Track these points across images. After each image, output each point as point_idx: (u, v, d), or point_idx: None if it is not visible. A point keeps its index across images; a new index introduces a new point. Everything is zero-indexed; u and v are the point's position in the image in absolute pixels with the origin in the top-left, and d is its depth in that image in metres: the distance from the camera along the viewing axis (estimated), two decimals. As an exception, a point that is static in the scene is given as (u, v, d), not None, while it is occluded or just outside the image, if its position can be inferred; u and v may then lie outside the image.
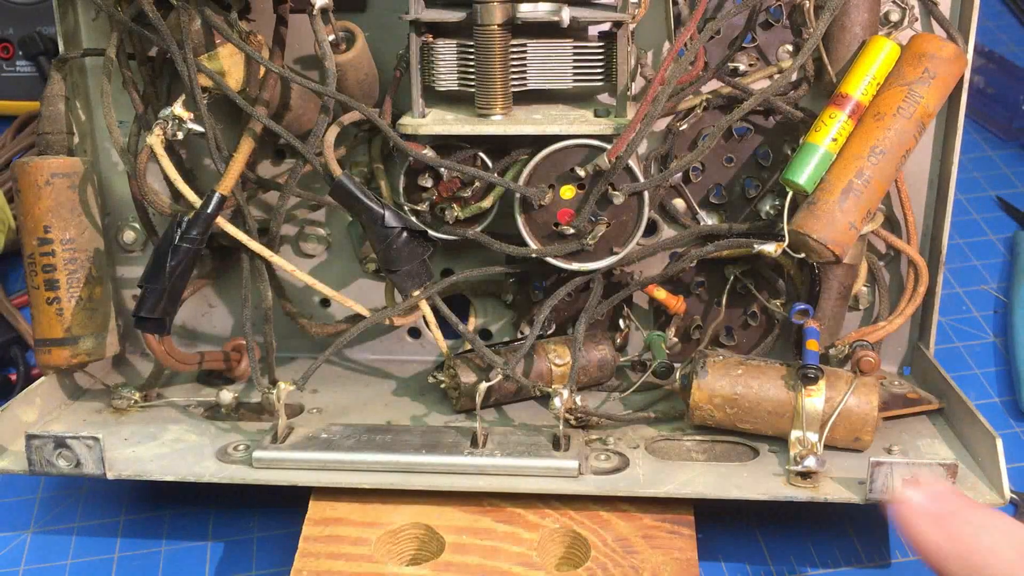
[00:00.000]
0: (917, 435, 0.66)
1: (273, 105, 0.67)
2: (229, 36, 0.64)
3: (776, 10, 0.67)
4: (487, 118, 0.64)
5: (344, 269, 0.75)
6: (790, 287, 0.71)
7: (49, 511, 0.70)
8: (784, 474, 0.62)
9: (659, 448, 0.66)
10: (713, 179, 0.70)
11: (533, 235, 0.67)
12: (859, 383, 0.63)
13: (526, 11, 0.63)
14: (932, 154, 0.69)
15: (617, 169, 0.64)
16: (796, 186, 0.63)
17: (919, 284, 0.69)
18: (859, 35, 0.65)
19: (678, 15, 0.66)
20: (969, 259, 0.87)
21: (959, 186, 0.69)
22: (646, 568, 0.59)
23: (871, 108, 0.63)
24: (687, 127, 0.68)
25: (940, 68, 0.62)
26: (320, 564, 0.59)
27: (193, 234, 0.63)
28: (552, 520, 0.62)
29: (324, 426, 0.66)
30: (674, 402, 0.69)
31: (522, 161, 0.66)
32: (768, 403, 0.63)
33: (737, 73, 0.67)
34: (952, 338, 0.80)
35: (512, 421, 0.68)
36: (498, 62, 0.63)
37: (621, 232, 0.67)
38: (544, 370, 0.68)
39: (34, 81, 0.96)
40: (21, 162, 0.68)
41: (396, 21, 0.65)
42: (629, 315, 0.73)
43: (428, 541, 0.62)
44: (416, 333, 0.77)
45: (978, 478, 0.61)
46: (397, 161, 0.70)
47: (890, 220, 0.70)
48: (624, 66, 0.64)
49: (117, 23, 0.66)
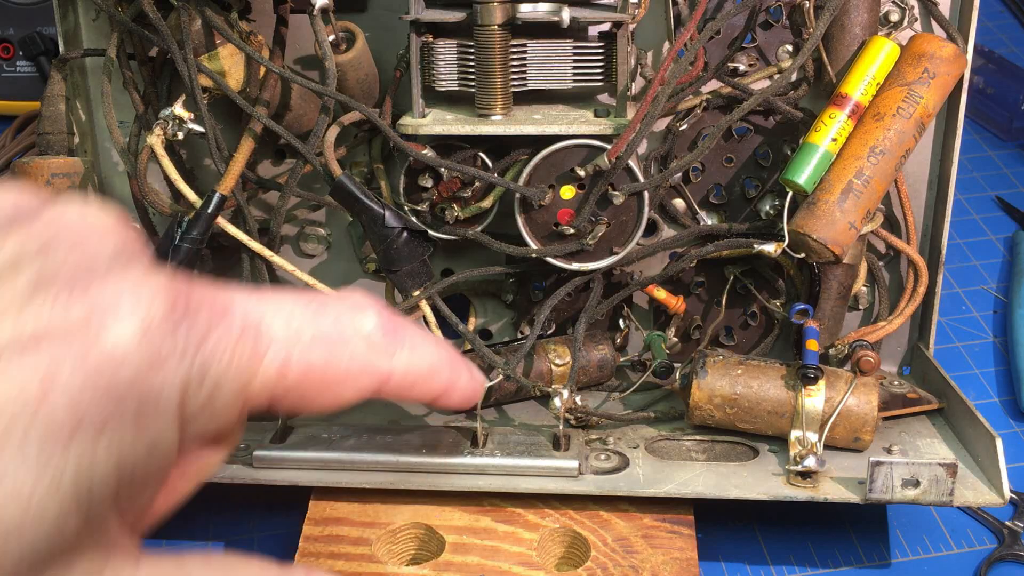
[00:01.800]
0: (917, 435, 0.66)
1: (273, 105, 0.67)
2: (229, 36, 0.64)
3: (776, 10, 0.67)
4: (487, 118, 0.64)
5: (344, 269, 0.75)
6: (790, 287, 0.71)
7: (49, 511, 0.69)
8: (784, 474, 0.62)
9: (659, 448, 0.66)
10: (713, 179, 0.70)
11: (533, 235, 0.67)
12: (859, 383, 0.63)
13: (526, 11, 0.63)
14: (932, 154, 0.69)
15: (617, 169, 0.64)
16: (796, 186, 0.63)
17: (919, 284, 0.69)
18: (859, 35, 0.65)
19: (678, 15, 0.66)
20: (969, 259, 0.87)
21: (959, 186, 0.69)
22: (646, 568, 0.59)
23: (871, 108, 0.63)
24: (687, 127, 0.68)
25: (940, 68, 0.62)
26: (320, 564, 0.59)
27: (193, 234, 0.63)
28: (552, 520, 0.62)
29: (324, 426, 0.66)
30: (674, 402, 0.69)
31: (522, 161, 0.66)
32: (768, 403, 0.64)
33: (737, 73, 0.67)
34: (952, 338, 0.81)
35: (512, 421, 0.68)
36: (498, 62, 0.63)
37: (621, 232, 0.67)
38: (544, 370, 0.69)
39: (34, 81, 0.96)
40: (21, 162, 0.68)
41: (396, 21, 0.65)
42: (629, 315, 0.73)
43: (428, 541, 0.62)
44: (416, 333, 0.77)
45: (978, 478, 0.61)
46: (397, 161, 0.70)
47: (890, 220, 0.70)
48: (624, 66, 0.64)
49: (117, 23, 0.66)
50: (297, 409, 0.44)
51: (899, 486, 0.58)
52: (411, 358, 0.49)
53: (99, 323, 0.36)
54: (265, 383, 0.41)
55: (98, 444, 0.36)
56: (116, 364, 0.36)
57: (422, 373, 0.51)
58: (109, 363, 0.36)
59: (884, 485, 0.58)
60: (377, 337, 0.47)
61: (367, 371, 0.47)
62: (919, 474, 0.58)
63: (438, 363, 0.53)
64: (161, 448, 0.38)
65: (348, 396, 0.45)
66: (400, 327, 0.49)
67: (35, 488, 0.34)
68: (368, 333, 0.46)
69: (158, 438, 0.37)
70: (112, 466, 0.36)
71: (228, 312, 0.40)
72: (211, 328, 0.39)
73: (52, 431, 0.35)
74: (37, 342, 0.35)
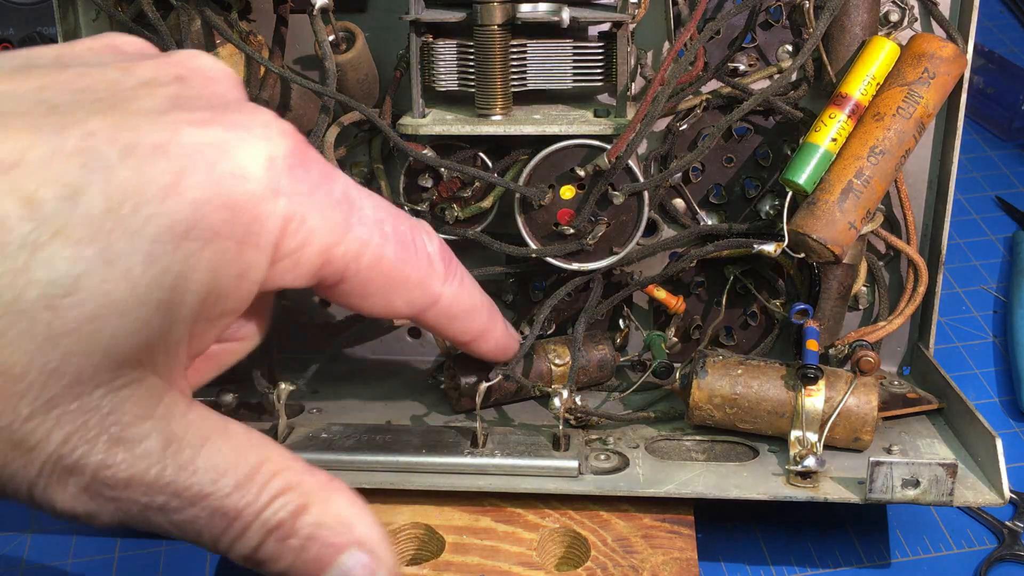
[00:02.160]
0: (917, 435, 0.66)
1: (273, 105, 0.67)
2: (229, 36, 0.64)
3: (776, 10, 0.67)
4: (487, 118, 0.64)
5: (344, 269, 0.75)
6: (790, 287, 0.71)
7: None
8: (784, 474, 0.62)
9: (659, 448, 0.66)
10: (713, 179, 0.70)
11: (533, 235, 0.67)
12: (859, 383, 0.63)
13: (526, 11, 0.63)
14: (932, 154, 0.69)
15: (617, 169, 0.64)
16: (795, 186, 0.63)
17: (919, 284, 0.69)
18: (859, 35, 0.65)
19: (678, 15, 0.66)
20: (969, 259, 0.87)
21: (959, 186, 0.69)
22: (646, 568, 0.59)
23: (871, 108, 0.63)
24: (687, 127, 0.68)
25: (940, 68, 0.63)
26: (320, 564, 0.59)
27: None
28: (552, 520, 0.62)
29: (324, 426, 0.66)
30: (674, 402, 0.69)
31: (522, 161, 0.66)
32: (768, 403, 0.64)
33: (737, 73, 0.67)
34: (952, 338, 0.81)
35: (512, 421, 0.68)
36: (498, 62, 0.63)
37: (621, 232, 0.67)
38: (544, 370, 0.69)
39: (34, 81, 0.96)
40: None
41: (396, 21, 0.65)
42: (629, 315, 0.73)
43: (428, 541, 0.62)
44: (416, 333, 0.77)
45: (978, 478, 0.61)
46: (397, 161, 0.70)
47: (890, 220, 0.70)
48: (624, 66, 0.64)
49: (117, 23, 0.66)
50: (350, 300, 0.47)
51: (899, 486, 0.58)
52: (459, 291, 0.53)
53: (231, 144, 0.39)
54: (344, 256, 0.44)
55: (204, 252, 0.38)
56: (239, 183, 0.39)
57: (464, 308, 0.55)
58: (234, 180, 0.39)
59: (884, 485, 0.58)
60: (436, 259, 0.50)
61: (422, 286, 0.51)
62: (919, 474, 0.58)
63: (480, 305, 0.57)
64: (250, 278, 0.40)
65: (397, 306, 0.50)
66: (455, 260, 0.53)
67: (142, 276, 0.37)
68: (431, 252, 0.49)
69: (251, 267, 0.40)
70: (208, 278, 0.39)
71: (333, 179, 0.43)
72: (318, 184, 0.42)
73: (169, 228, 0.37)
74: (169, 149, 0.37)
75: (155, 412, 0.38)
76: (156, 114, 0.38)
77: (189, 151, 0.38)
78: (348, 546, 0.41)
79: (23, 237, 0.35)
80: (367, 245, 0.45)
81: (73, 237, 0.35)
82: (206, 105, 0.40)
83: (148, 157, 0.37)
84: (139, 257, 0.37)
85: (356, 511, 0.42)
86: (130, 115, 0.38)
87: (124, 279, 0.36)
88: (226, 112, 0.40)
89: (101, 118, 0.37)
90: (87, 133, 0.36)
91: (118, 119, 0.37)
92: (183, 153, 0.38)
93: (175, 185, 0.37)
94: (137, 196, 0.36)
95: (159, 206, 0.37)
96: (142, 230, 0.36)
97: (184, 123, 0.38)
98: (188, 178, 0.37)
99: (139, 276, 0.37)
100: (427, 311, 0.52)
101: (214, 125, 0.39)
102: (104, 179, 0.36)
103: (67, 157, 0.36)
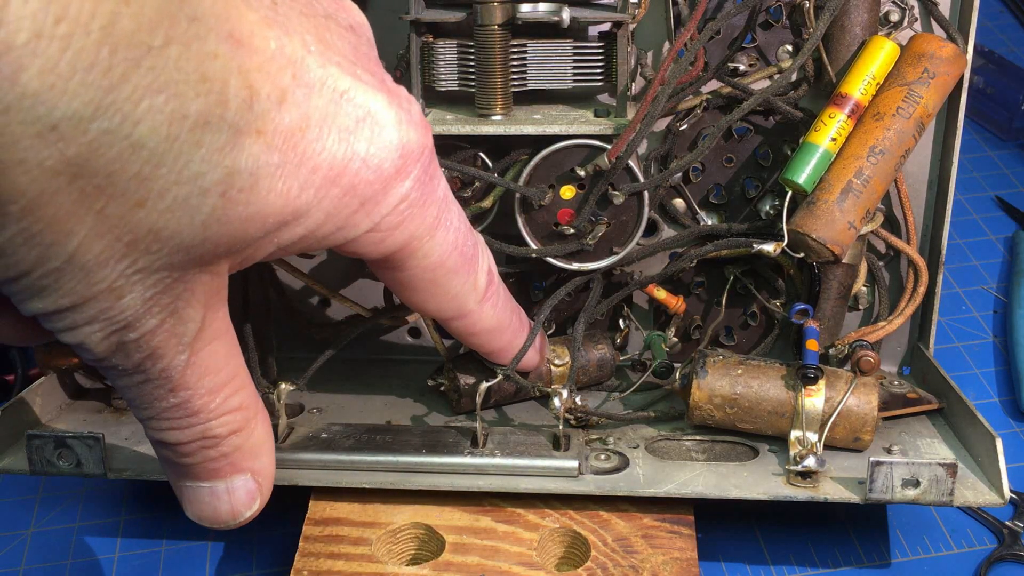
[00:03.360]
0: (917, 435, 0.66)
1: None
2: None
3: (776, 10, 0.67)
4: (487, 118, 0.64)
5: (344, 269, 0.75)
6: (790, 287, 0.71)
7: (49, 511, 0.70)
8: (784, 474, 0.62)
9: (659, 448, 0.66)
10: (713, 179, 0.70)
11: (533, 235, 0.67)
12: (859, 383, 0.63)
13: (526, 11, 0.63)
14: (932, 154, 0.69)
15: (617, 169, 0.64)
16: (795, 186, 0.63)
17: (919, 284, 0.69)
18: (859, 35, 0.65)
19: (678, 15, 0.66)
20: (969, 259, 0.87)
21: (959, 186, 0.69)
22: (646, 568, 0.59)
23: (871, 108, 0.63)
24: (687, 127, 0.68)
25: (940, 68, 0.63)
26: (320, 564, 0.59)
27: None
28: (552, 520, 0.62)
29: (324, 426, 0.66)
30: (674, 402, 0.69)
31: (522, 161, 0.66)
32: (768, 403, 0.64)
33: (737, 73, 0.67)
34: (952, 338, 0.81)
35: (512, 421, 0.68)
36: (498, 62, 0.63)
37: (621, 232, 0.67)
38: (543, 370, 0.68)
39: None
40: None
41: (396, 21, 0.65)
42: (629, 315, 0.73)
43: (428, 541, 0.62)
44: (416, 333, 0.77)
45: (978, 478, 0.61)
46: (397, 161, 0.70)
47: (890, 220, 0.70)
48: (624, 66, 0.64)
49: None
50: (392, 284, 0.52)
51: (899, 486, 0.58)
52: (488, 312, 0.57)
53: (396, 120, 0.44)
54: (418, 251, 0.48)
55: (337, 198, 0.42)
56: (390, 154, 0.44)
57: (487, 328, 0.58)
58: (387, 151, 0.44)
59: (884, 485, 0.58)
60: (482, 279, 0.54)
61: (458, 300, 0.54)
62: (919, 474, 0.58)
63: (506, 327, 0.60)
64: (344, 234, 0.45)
65: (429, 307, 0.54)
66: (496, 280, 0.56)
67: (294, 200, 0.41)
68: (480, 271, 0.57)
69: (353, 226, 0.45)
70: (320, 220, 0.42)
71: (440, 178, 0.48)
72: (432, 178, 0.47)
73: (329, 168, 0.42)
74: (353, 99, 0.42)
75: (214, 303, 0.43)
76: (343, 57, 0.42)
77: (362, 111, 0.42)
78: (246, 471, 0.48)
79: (233, 117, 0.37)
80: (441, 249, 0.48)
81: (267, 139, 0.38)
82: (374, 68, 0.45)
83: (336, 99, 0.41)
84: (299, 182, 0.40)
85: (267, 445, 0.49)
86: (328, 48, 0.41)
87: (281, 196, 0.40)
88: (388, 82, 0.45)
89: (312, 35, 0.41)
90: (304, 43, 0.40)
91: (321, 46, 0.41)
92: (358, 106, 0.42)
93: (349, 133, 0.41)
94: (319, 128, 0.40)
95: (331, 145, 0.41)
96: (310, 160, 0.40)
97: (362, 80, 0.42)
98: (358, 132, 0.42)
99: (292, 199, 0.40)
100: (452, 321, 0.56)
101: (384, 93, 0.43)
102: (305, 97, 0.40)
103: (287, 61, 0.39)
